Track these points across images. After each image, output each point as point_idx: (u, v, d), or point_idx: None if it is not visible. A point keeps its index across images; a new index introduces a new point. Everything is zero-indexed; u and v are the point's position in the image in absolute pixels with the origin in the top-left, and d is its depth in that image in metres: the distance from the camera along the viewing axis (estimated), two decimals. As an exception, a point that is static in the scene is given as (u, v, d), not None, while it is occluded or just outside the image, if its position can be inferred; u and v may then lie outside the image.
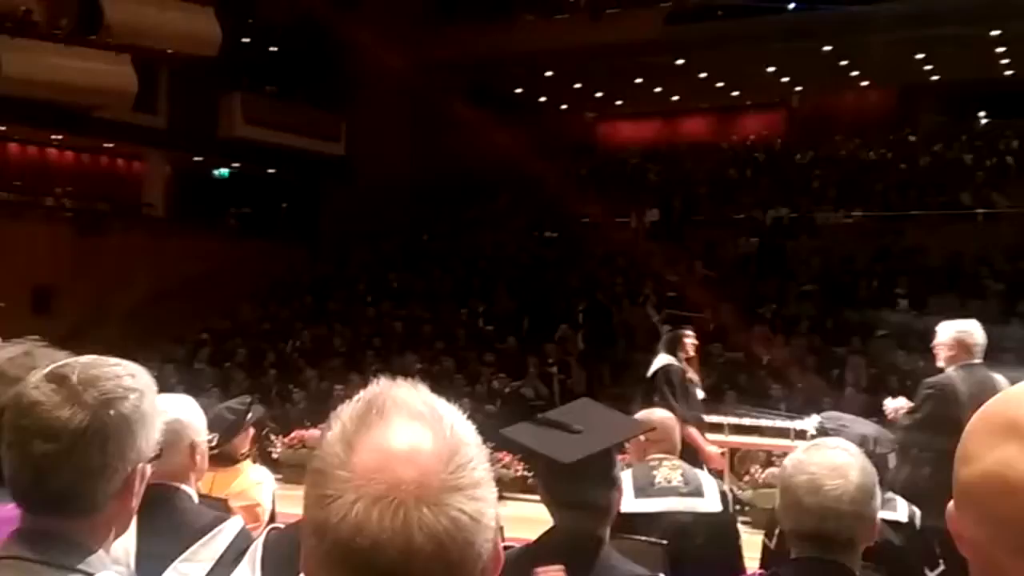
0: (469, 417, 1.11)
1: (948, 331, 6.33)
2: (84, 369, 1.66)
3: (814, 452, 2.57)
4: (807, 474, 2.48)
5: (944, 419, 5.86)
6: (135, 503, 1.71)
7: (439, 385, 1.15)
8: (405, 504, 0.96)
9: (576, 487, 2.62)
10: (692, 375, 8.11)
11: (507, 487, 11.80)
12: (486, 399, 16.20)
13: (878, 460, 3.53)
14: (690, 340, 8.09)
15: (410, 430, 1.02)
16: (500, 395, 16.29)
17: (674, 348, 8.02)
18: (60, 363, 1.68)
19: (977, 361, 6.19)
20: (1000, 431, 0.98)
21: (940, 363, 6.33)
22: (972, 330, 6.29)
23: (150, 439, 1.70)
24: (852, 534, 2.47)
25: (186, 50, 22.88)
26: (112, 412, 1.63)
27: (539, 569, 2.14)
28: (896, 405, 6.51)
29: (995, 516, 0.96)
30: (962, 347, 6.22)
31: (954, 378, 6.11)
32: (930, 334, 6.53)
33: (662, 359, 7.96)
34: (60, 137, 25.13)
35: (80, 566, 1.59)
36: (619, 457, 6.37)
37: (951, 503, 1.04)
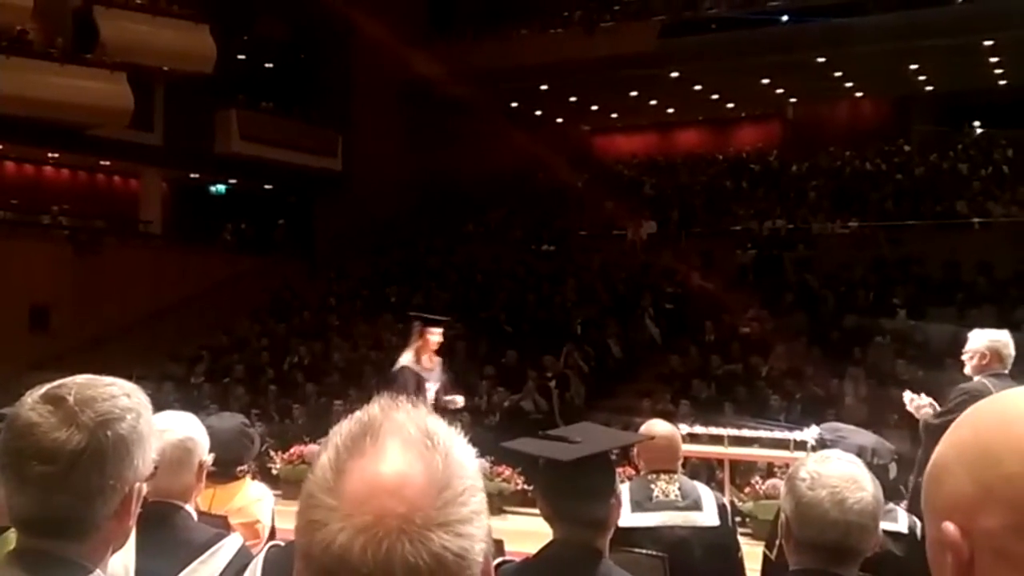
0: (469, 432, 1.10)
1: (982, 339, 6.22)
2: (80, 390, 1.64)
3: (828, 464, 2.56)
4: (829, 487, 2.47)
5: None
6: (132, 522, 1.69)
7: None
8: (389, 537, 0.95)
9: (575, 499, 2.62)
10: None
11: (507, 501, 11.79)
12: (485, 413, 16.18)
13: (877, 471, 3.53)
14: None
15: (402, 460, 1.01)
16: (499, 409, 16.27)
17: None
18: (56, 384, 1.66)
19: (1005, 372, 6.09)
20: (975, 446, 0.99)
21: (968, 371, 6.22)
22: (1007, 341, 6.19)
23: (146, 459, 1.68)
24: (867, 546, 2.48)
25: (182, 67, 22.97)
26: (109, 433, 1.61)
27: None
28: (920, 402, 6.38)
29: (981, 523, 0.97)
30: (995, 356, 6.12)
31: (988, 386, 5.87)
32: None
33: None
34: (56, 155, 25.18)
35: None
36: (622, 470, 6.35)
37: (950, 511, 1.02)
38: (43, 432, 1.59)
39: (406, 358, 8.75)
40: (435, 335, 8.82)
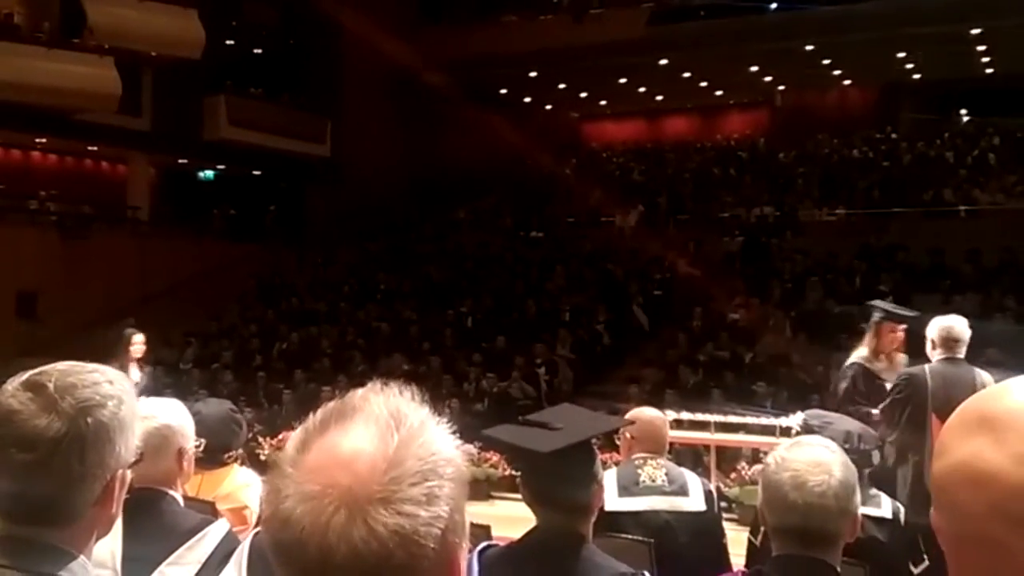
0: (456, 418, 1.12)
1: (932, 327, 6.38)
2: (61, 376, 1.64)
3: (796, 449, 2.57)
4: (791, 471, 2.48)
5: (911, 410, 6.05)
6: (116, 509, 1.69)
7: (426, 386, 1.16)
8: (330, 507, 0.99)
9: (556, 484, 2.63)
10: None
11: (495, 487, 11.83)
12: (474, 399, 16.20)
13: (861, 456, 3.56)
14: None
15: (362, 437, 1.04)
16: (488, 395, 16.29)
17: None
18: (37, 371, 1.66)
19: (959, 356, 6.22)
20: (973, 425, 0.99)
21: (929, 357, 6.36)
22: (953, 325, 6.32)
23: (129, 445, 1.68)
24: (835, 530, 2.47)
25: (170, 52, 22.86)
26: (90, 420, 1.61)
27: None
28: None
29: (961, 508, 0.98)
30: (943, 342, 6.26)
31: (926, 370, 6.20)
32: (916, 331, 6.56)
33: None
34: (44, 140, 25.07)
35: (61, 573, 1.57)
36: (608, 456, 6.38)
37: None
38: (23, 419, 1.59)
39: (860, 353, 7.47)
40: (899, 332, 7.46)
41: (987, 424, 0.98)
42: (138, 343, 9.42)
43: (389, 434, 1.04)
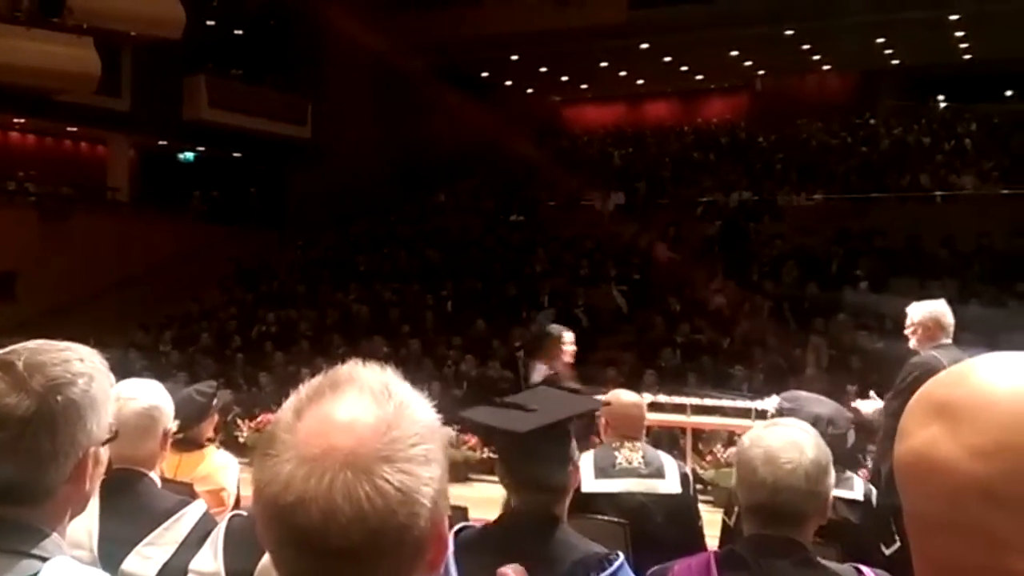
0: (436, 401, 1.15)
1: (921, 311, 6.15)
2: (31, 355, 1.63)
3: (771, 429, 2.60)
4: (762, 448, 2.50)
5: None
6: (90, 486, 1.69)
7: (406, 369, 1.19)
8: (333, 467, 1.01)
9: (531, 465, 2.65)
10: None
11: (473, 468, 11.88)
12: (453, 382, 16.22)
13: (834, 439, 3.60)
14: None
15: (356, 404, 1.07)
16: (467, 378, 16.32)
17: None
18: (6, 350, 1.65)
19: (949, 341, 6.04)
20: (931, 411, 0.99)
21: (913, 344, 6.14)
22: (945, 310, 6.14)
23: (102, 423, 1.68)
24: (805, 509, 2.48)
25: (150, 33, 22.67)
26: (60, 398, 1.61)
27: (500, 570, 2.16)
28: (870, 408, 6.40)
29: (915, 493, 0.99)
30: (937, 327, 6.06)
31: (938, 357, 5.79)
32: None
33: None
34: (22, 121, 24.89)
35: (34, 551, 1.57)
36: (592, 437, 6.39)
37: None
38: None
39: None
40: None
41: (945, 411, 0.97)
42: (568, 341, 7.87)
43: (384, 400, 1.07)
